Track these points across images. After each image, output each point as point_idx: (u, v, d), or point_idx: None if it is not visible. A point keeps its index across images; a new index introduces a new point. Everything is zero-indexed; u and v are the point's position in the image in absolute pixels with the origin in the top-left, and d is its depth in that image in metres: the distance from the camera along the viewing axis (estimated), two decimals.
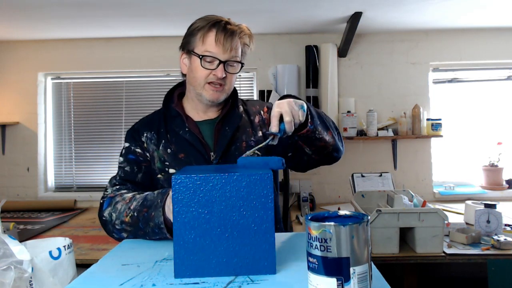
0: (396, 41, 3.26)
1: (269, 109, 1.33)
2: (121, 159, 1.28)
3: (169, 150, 1.24)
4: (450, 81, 3.38)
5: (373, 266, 0.81)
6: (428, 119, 3.13)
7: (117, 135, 3.43)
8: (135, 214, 1.09)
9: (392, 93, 3.26)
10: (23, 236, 2.30)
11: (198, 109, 1.29)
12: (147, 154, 1.26)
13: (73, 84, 3.47)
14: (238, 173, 0.82)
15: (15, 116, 3.38)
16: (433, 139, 3.21)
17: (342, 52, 3.18)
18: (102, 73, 3.44)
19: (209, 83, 1.20)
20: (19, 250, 0.95)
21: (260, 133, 1.29)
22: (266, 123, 1.32)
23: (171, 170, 1.22)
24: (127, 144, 1.29)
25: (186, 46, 1.25)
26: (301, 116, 1.06)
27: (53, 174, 3.49)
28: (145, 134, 1.29)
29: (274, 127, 1.02)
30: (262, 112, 1.34)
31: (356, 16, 2.72)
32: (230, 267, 0.81)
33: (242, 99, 1.37)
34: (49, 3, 2.45)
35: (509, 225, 2.17)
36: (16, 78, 3.39)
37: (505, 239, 1.96)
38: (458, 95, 3.37)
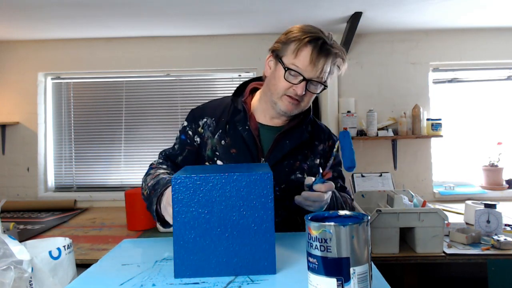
0: (396, 41, 3.26)
1: (334, 142, 1.30)
2: (178, 134, 1.29)
3: (223, 142, 1.22)
4: (450, 81, 3.38)
5: (373, 266, 0.82)
6: (428, 119, 3.13)
7: (117, 135, 3.43)
8: (147, 192, 1.14)
9: (392, 93, 3.25)
10: (23, 236, 2.30)
11: (266, 112, 1.24)
12: (197, 139, 1.25)
13: (73, 84, 3.47)
14: (238, 173, 0.82)
15: (15, 116, 3.38)
16: (433, 139, 3.21)
17: None
18: (102, 73, 3.44)
19: (287, 95, 1.16)
20: (19, 250, 0.95)
21: (317, 161, 1.26)
22: (327, 156, 1.29)
23: (219, 162, 1.21)
24: (185, 123, 1.28)
25: (276, 50, 1.19)
26: (318, 209, 1.08)
27: (53, 174, 3.49)
28: (204, 119, 1.26)
29: (311, 182, 1.07)
30: (327, 143, 1.30)
31: (356, 16, 2.72)
32: (230, 267, 0.81)
33: (313, 118, 1.33)
34: (49, 3, 2.45)
35: (509, 225, 2.17)
36: (16, 78, 3.39)
37: (505, 239, 1.96)
38: (458, 95, 3.37)
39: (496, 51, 3.23)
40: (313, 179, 1.07)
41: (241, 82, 1.34)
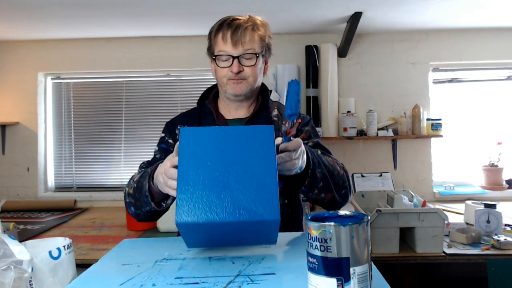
0: (396, 41, 3.26)
1: (304, 121, 1.33)
2: (156, 148, 1.34)
3: None
4: (450, 81, 3.38)
5: (373, 266, 0.82)
6: (428, 119, 3.13)
7: (117, 135, 3.43)
8: (136, 185, 1.15)
9: (392, 93, 3.26)
10: (23, 236, 2.30)
11: (229, 107, 1.32)
12: None
13: (73, 84, 3.47)
14: (242, 126, 0.89)
15: (15, 116, 3.38)
16: (433, 139, 3.21)
17: (342, 52, 3.18)
18: (102, 73, 3.44)
19: (230, 79, 1.24)
20: (19, 250, 0.95)
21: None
22: (296, 134, 1.28)
23: None
24: (162, 135, 1.35)
25: (208, 51, 1.31)
26: (298, 168, 0.99)
27: (53, 174, 3.49)
28: (179, 127, 1.33)
29: (279, 141, 0.96)
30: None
31: (356, 16, 2.72)
32: (233, 212, 0.82)
33: (279, 103, 1.38)
34: (49, 3, 2.45)
35: (509, 225, 2.17)
36: (16, 78, 3.39)
37: (505, 239, 1.96)
38: (458, 95, 3.37)
39: (496, 51, 3.23)
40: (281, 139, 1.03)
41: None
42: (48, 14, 2.66)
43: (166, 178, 0.96)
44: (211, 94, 1.37)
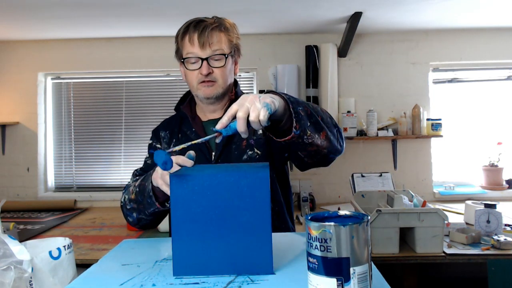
0: (396, 41, 3.26)
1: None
2: (147, 154, 1.38)
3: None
4: (450, 81, 3.38)
5: (373, 266, 0.82)
6: (428, 119, 3.13)
7: (117, 135, 3.43)
8: (137, 189, 1.15)
9: (392, 93, 3.25)
10: (23, 236, 2.30)
11: (204, 110, 1.33)
12: None
13: (73, 84, 3.47)
14: (235, 172, 0.82)
15: (15, 116, 3.38)
16: (433, 139, 3.21)
17: (342, 52, 3.18)
18: (102, 73, 3.44)
19: (200, 82, 1.24)
20: (19, 250, 0.95)
21: (260, 131, 1.27)
22: None
23: None
24: (150, 141, 1.40)
25: (176, 54, 1.30)
26: (261, 116, 0.85)
27: (53, 174, 3.49)
28: (161, 134, 1.38)
29: (220, 124, 0.88)
30: None
31: (356, 16, 2.72)
32: (227, 266, 0.81)
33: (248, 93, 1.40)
34: (49, 3, 2.45)
35: (509, 225, 2.17)
36: (16, 78, 3.39)
37: (505, 239, 1.96)
38: (458, 95, 3.37)
39: (496, 51, 3.23)
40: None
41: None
42: (48, 14, 2.66)
43: (165, 171, 0.97)
44: (187, 99, 1.39)
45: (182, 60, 1.24)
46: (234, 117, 0.88)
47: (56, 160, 3.49)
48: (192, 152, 0.99)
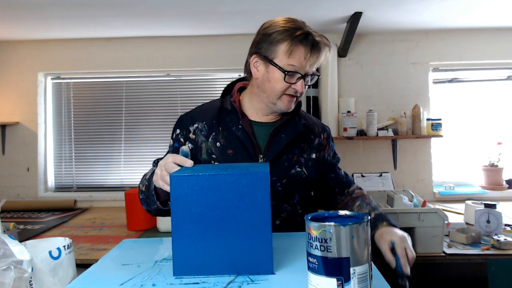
0: (396, 41, 3.26)
1: (329, 135, 1.35)
2: (171, 141, 1.28)
3: (218, 144, 1.21)
4: (450, 81, 3.38)
5: (373, 266, 0.82)
6: (428, 119, 3.13)
7: (117, 135, 3.43)
8: (147, 182, 1.13)
9: (392, 93, 3.25)
10: (23, 236, 2.30)
11: (259, 111, 1.24)
12: (189, 145, 1.23)
13: (73, 84, 3.47)
14: (235, 173, 0.82)
15: (15, 116, 3.38)
16: (433, 139, 3.21)
17: (342, 52, 3.17)
18: (102, 73, 3.44)
19: (288, 95, 1.17)
20: (19, 250, 0.95)
21: (313, 155, 1.27)
22: (323, 148, 1.32)
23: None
24: (178, 131, 1.27)
25: (263, 52, 1.16)
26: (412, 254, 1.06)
27: (53, 174, 3.49)
28: (195, 125, 1.24)
29: (407, 268, 1.01)
30: (322, 136, 1.33)
31: (356, 16, 2.72)
32: (227, 266, 0.81)
33: (303, 111, 1.35)
34: (49, 3, 2.45)
35: (509, 225, 2.17)
36: (16, 78, 3.39)
37: (505, 239, 1.96)
38: (458, 95, 3.37)
39: (496, 51, 3.23)
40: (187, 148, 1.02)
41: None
42: (48, 14, 2.66)
43: (164, 172, 0.95)
44: (235, 89, 1.28)
45: (285, 72, 1.13)
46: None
47: (56, 160, 3.49)
48: (185, 148, 0.99)
